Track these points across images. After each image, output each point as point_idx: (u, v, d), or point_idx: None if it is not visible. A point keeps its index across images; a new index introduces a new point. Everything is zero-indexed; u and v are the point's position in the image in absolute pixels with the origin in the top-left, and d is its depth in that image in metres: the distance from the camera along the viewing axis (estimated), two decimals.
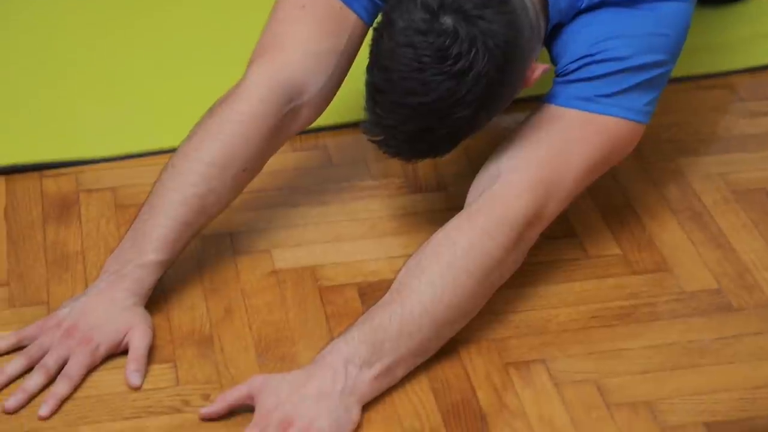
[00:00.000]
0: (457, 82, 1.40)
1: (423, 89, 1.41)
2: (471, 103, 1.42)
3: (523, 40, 1.44)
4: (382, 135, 1.46)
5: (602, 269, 1.63)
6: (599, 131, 1.53)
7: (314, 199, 1.74)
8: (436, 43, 1.40)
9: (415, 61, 1.40)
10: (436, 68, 1.40)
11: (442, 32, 1.40)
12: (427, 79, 1.41)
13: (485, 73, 1.41)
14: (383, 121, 1.45)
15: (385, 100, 1.43)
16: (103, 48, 2.00)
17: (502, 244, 1.47)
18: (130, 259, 1.52)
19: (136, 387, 1.46)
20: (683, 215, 1.71)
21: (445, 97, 1.41)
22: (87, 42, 2.01)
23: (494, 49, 1.41)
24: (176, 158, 1.56)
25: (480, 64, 1.40)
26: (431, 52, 1.40)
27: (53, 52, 1.99)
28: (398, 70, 1.41)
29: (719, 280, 1.61)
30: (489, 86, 1.42)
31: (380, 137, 1.47)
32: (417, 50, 1.40)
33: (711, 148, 1.83)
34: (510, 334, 1.54)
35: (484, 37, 1.40)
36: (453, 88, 1.41)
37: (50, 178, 1.77)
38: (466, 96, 1.41)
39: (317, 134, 1.83)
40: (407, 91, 1.42)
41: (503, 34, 1.41)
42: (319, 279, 1.62)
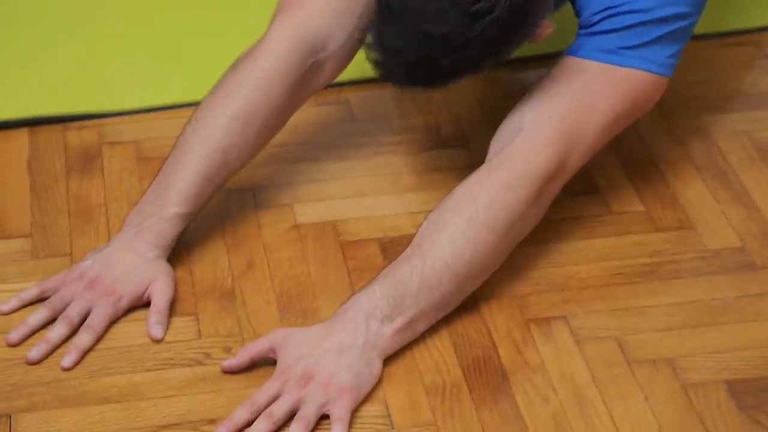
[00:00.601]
0: (471, 20, 1.38)
1: (437, 19, 1.38)
2: (480, 45, 1.39)
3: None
4: (383, 56, 1.43)
5: (625, 226, 1.63)
6: (622, 84, 1.51)
7: (336, 154, 1.74)
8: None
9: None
10: (457, 3, 1.37)
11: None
12: (444, 8, 1.37)
13: (503, 19, 1.38)
14: (388, 43, 1.41)
15: (396, 22, 1.40)
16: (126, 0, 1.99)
17: (524, 199, 1.47)
18: (152, 212, 1.52)
19: (158, 339, 1.47)
20: (708, 173, 1.71)
21: (456, 32, 1.38)
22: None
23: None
24: (199, 112, 1.56)
25: (500, 10, 1.38)
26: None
27: (77, 4, 1.99)
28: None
29: (743, 238, 1.61)
30: (502, 33, 1.39)
31: (381, 58, 1.43)
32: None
33: (736, 105, 1.82)
34: (531, 290, 1.54)
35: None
36: (467, 26, 1.38)
37: (73, 131, 1.77)
38: (477, 37, 1.38)
39: (339, 89, 1.83)
40: (421, 18, 1.38)
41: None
42: (341, 234, 1.62)
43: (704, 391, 1.41)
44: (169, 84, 1.83)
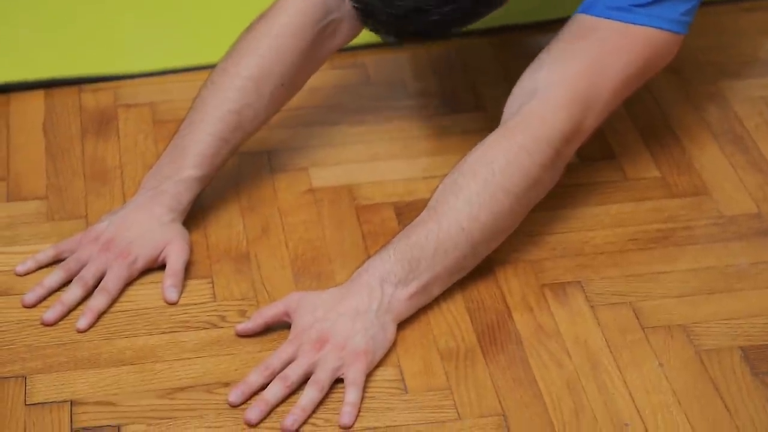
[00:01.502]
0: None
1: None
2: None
3: None
4: (372, 5, 1.41)
5: (640, 192, 1.62)
6: (635, 42, 1.50)
7: (351, 118, 1.74)
8: None
9: None
10: None
11: None
12: None
13: None
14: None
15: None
16: None
17: (540, 161, 1.46)
18: (168, 175, 1.52)
19: (173, 302, 1.47)
20: (724, 138, 1.70)
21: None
22: None
23: None
24: (215, 74, 1.56)
25: None
26: None
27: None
28: None
29: (759, 204, 1.60)
30: None
31: (369, 7, 1.41)
32: None
33: (753, 71, 1.81)
34: (546, 255, 1.54)
35: None
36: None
37: (89, 93, 1.77)
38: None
39: (355, 52, 1.82)
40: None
41: None
42: (356, 198, 1.62)
43: (719, 358, 1.41)
44: (184, 46, 1.83)
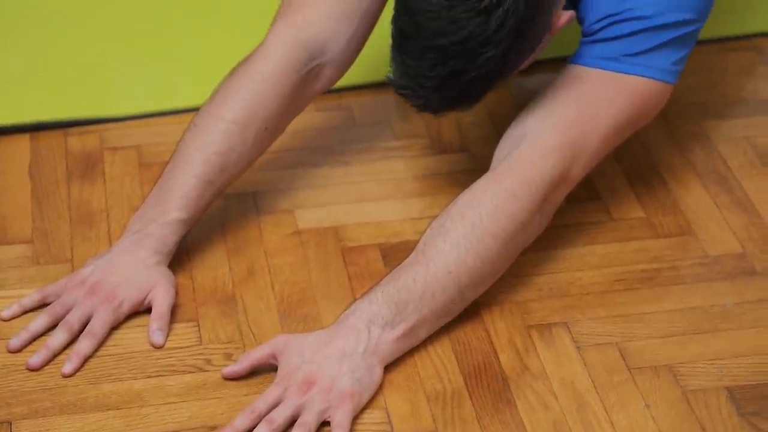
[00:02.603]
0: (486, 18, 1.38)
1: (452, 28, 1.38)
2: (500, 41, 1.39)
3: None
4: (410, 85, 1.44)
5: (626, 232, 1.63)
6: (625, 91, 1.52)
7: (337, 160, 1.74)
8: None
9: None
10: (464, 5, 1.37)
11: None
12: (456, 16, 1.38)
13: (514, 9, 1.38)
14: (411, 70, 1.42)
15: (414, 45, 1.41)
16: (129, 6, 1.99)
17: (528, 207, 1.47)
18: (153, 217, 1.52)
19: (159, 345, 1.47)
20: (708, 178, 1.71)
21: (474, 35, 1.38)
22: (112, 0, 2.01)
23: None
24: (199, 117, 1.56)
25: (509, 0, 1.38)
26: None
27: (77, 10, 1.99)
28: (426, 11, 1.39)
29: (744, 244, 1.61)
30: (518, 23, 1.39)
31: (408, 89, 1.44)
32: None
33: (736, 111, 1.82)
34: (532, 296, 1.54)
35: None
36: (482, 25, 1.38)
37: (75, 136, 1.77)
38: (495, 34, 1.38)
39: (341, 94, 1.83)
40: (436, 32, 1.39)
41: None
42: (342, 239, 1.62)
43: (705, 398, 1.41)
44: (170, 89, 1.83)
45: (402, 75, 1.44)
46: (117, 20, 1.97)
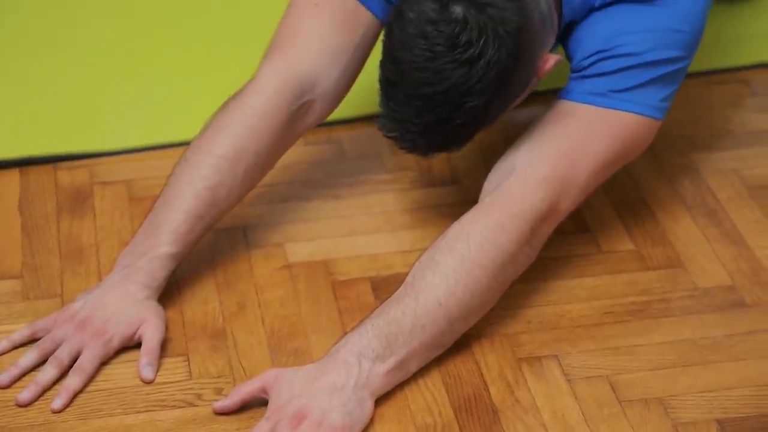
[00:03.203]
0: (468, 69, 1.40)
1: (435, 78, 1.41)
2: (483, 91, 1.41)
3: (533, 28, 1.44)
4: (397, 129, 1.46)
5: (615, 264, 1.63)
6: (614, 126, 1.53)
7: (328, 193, 1.74)
8: (446, 31, 1.40)
9: (427, 50, 1.40)
10: (447, 56, 1.40)
11: (452, 20, 1.40)
12: (439, 67, 1.40)
13: (496, 60, 1.40)
14: (398, 115, 1.45)
15: (399, 92, 1.43)
16: (118, 41, 2.00)
17: (516, 239, 1.47)
18: (143, 252, 1.52)
19: (149, 380, 1.47)
20: (697, 211, 1.71)
21: (457, 85, 1.41)
22: (101, 35, 2.01)
23: (504, 36, 1.40)
24: (189, 152, 1.56)
25: (491, 51, 1.40)
26: (442, 40, 1.40)
27: (67, 45, 1.99)
28: (410, 61, 1.41)
29: (733, 276, 1.61)
30: (501, 73, 1.41)
31: (395, 132, 1.46)
32: (428, 39, 1.40)
33: (725, 143, 1.83)
34: (522, 329, 1.54)
35: (494, 24, 1.40)
36: (465, 75, 1.40)
37: (64, 171, 1.77)
38: (477, 84, 1.41)
39: (331, 128, 1.83)
40: (420, 82, 1.42)
41: (513, 21, 1.41)
42: (333, 273, 1.62)
43: (696, 431, 1.41)
44: (160, 123, 1.84)
45: (389, 119, 1.46)
46: (106, 55, 1.97)
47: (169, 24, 2.03)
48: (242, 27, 2.01)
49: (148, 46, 1.99)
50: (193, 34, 2.01)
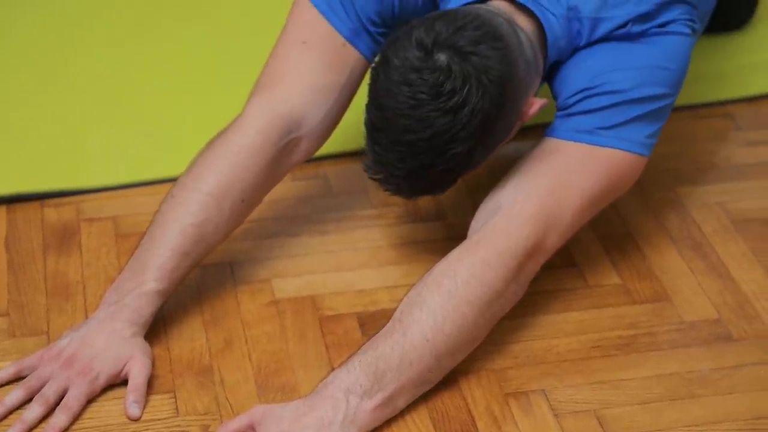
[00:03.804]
0: (452, 117, 1.41)
1: (419, 126, 1.42)
2: (467, 138, 1.43)
3: (518, 76, 1.45)
4: (382, 173, 1.47)
5: (602, 299, 1.63)
6: (600, 163, 1.53)
7: (314, 229, 1.74)
8: (431, 79, 1.41)
9: (411, 98, 1.41)
10: (431, 105, 1.41)
11: (436, 69, 1.41)
12: (423, 115, 1.42)
13: (480, 108, 1.42)
14: (382, 159, 1.46)
15: (383, 138, 1.45)
16: (104, 77, 2.00)
17: (503, 275, 1.48)
18: (130, 289, 1.52)
19: (136, 418, 1.46)
20: (683, 244, 1.72)
21: (441, 132, 1.42)
22: (87, 72, 2.02)
23: (488, 84, 1.42)
24: (176, 189, 1.57)
25: (474, 99, 1.41)
26: (426, 88, 1.41)
27: (53, 82, 2.00)
28: (394, 108, 1.43)
29: (719, 310, 1.61)
30: (484, 121, 1.43)
31: (380, 175, 1.48)
32: (412, 87, 1.41)
33: (710, 177, 1.84)
34: (509, 364, 1.54)
35: (477, 73, 1.41)
36: (449, 123, 1.42)
37: (51, 208, 1.77)
38: (461, 131, 1.42)
39: (317, 163, 1.84)
40: (404, 129, 1.43)
41: (497, 69, 1.42)
42: (320, 308, 1.62)
43: None
44: (147, 160, 1.84)
45: (374, 162, 1.47)
46: (93, 92, 1.97)
47: (156, 61, 2.04)
48: (229, 64, 2.02)
49: (135, 83, 1.99)
50: (180, 70, 2.02)
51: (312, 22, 1.59)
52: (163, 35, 2.09)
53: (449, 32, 1.42)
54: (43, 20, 2.12)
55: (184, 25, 2.11)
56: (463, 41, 1.42)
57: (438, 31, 1.42)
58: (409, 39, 1.42)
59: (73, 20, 2.12)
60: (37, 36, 2.09)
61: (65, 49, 2.07)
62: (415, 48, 1.42)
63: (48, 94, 1.97)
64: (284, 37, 1.61)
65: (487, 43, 1.43)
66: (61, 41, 2.08)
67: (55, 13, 2.14)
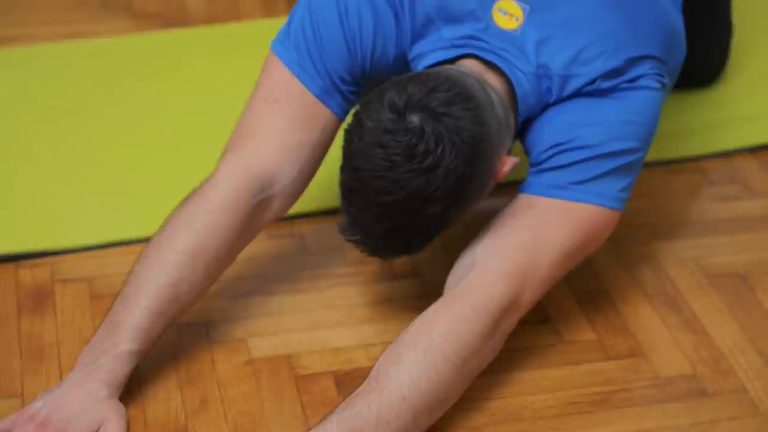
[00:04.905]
0: (426, 178, 1.42)
1: (393, 187, 1.43)
2: (441, 198, 1.44)
3: (490, 135, 1.46)
4: (358, 234, 1.48)
5: (577, 355, 1.63)
6: (573, 218, 1.54)
7: (290, 287, 1.74)
8: (404, 141, 1.42)
9: (385, 160, 1.42)
10: (405, 166, 1.42)
11: (409, 130, 1.42)
12: (397, 177, 1.42)
13: (453, 168, 1.43)
14: (358, 221, 1.47)
15: (358, 199, 1.45)
16: (77, 138, 2.00)
17: (479, 331, 1.48)
18: (104, 350, 1.51)
19: None
20: (657, 300, 1.72)
21: (415, 194, 1.43)
22: (60, 132, 2.02)
23: (461, 145, 1.43)
24: (149, 248, 1.56)
25: (448, 160, 1.42)
26: (400, 150, 1.42)
27: (26, 143, 2.00)
28: (369, 170, 1.43)
29: (694, 365, 1.62)
30: (458, 181, 1.44)
31: (357, 237, 1.48)
32: (386, 149, 1.42)
33: (684, 232, 1.85)
34: (486, 421, 1.53)
35: (450, 134, 1.43)
36: (423, 184, 1.42)
37: (26, 269, 1.77)
38: (435, 192, 1.43)
39: (292, 222, 1.84)
40: (378, 190, 1.43)
41: (469, 129, 1.44)
42: (295, 367, 1.61)
43: None
44: (120, 220, 1.84)
45: (350, 224, 1.48)
46: (66, 152, 1.97)
47: (129, 121, 2.04)
48: (201, 123, 2.02)
49: (108, 143, 1.99)
50: (152, 130, 2.02)
51: (283, 80, 1.60)
52: (135, 95, 2.09)
53: (421, 94, 1.44)
54: (16, 81, 2.13)
55: (156, 84, 2.11)
56: (436, 102, 1.43)
57: (410, 93, 1.44)
58: (382, 101, 1.44)
59: (46, 81, 2.13)
60: (10, 97, 2.10)
61: (38, 109, 2.07)
62: (388, 110, 1.43)
63: (21, 154, 1.97)
64: (256, 96, 1.62)
65: (459, 104, 1.44)
66: (33, 102, 2.08)
67: (28, 74, 2.14)
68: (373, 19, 1.57)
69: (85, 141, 2.00)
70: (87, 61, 2.17)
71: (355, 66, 1.59)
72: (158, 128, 2.02)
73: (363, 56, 1.58)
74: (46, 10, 2.32)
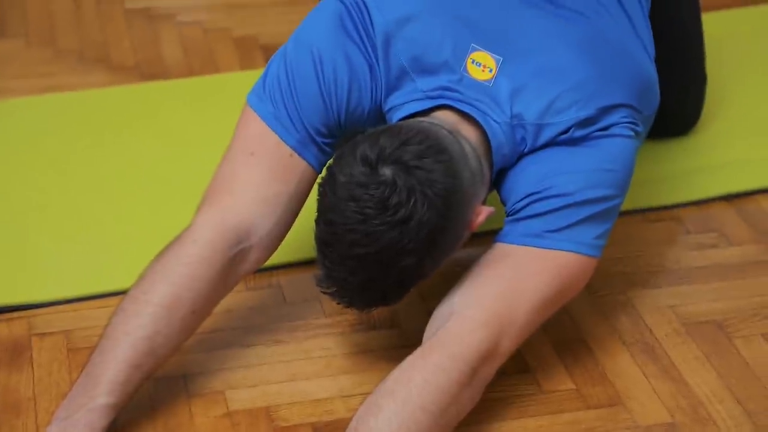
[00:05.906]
0: (399, 231, 1.43)
1: (367, 240, 1.43)
2: (415, 250, 1.44)
3: (463, 187, 1.47)
4: (334, 287, 1.49)
5: (556, 404, 1.63)
6: (550, 266, 1.55)
7: (268, 338, 1.74)
8: (376, 194, 1.43)
9: (358, 213, 1.43)
10: (378, 219, 1.43)
11: (381, 183, 1.43)
12: (370, 230, 1.43)
13: (426, 220, 1.43)
14: (333, 273, 1.48)
15: (333, 252, 1.46)
16: (52, 190, 2.00)
17: (456, 380, 1.48)
18: (81, 404, 1.50)
19: None
20: (635, 348, 1.72)
21: (388, 246, 1.44)
22: (35, 185, 2.01)
23: (433, 197, 1.44)
24: (125, 302, 1.56)
25: (420, 212, 1.43)
26: (372, 203, 1.43)
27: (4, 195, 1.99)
28: (342, 223, 1.44)
29: (673, 413, 1.62)
30: (431, 233, 1.44)
31: (333, 289, 1.49)
32: (359, 202, 1.43)
33: (661, 280, 1.85)
34: None
35: (422, 186, 1.44)
36: (396, 237, 1.43)
37: (2, 323, 1.76)
38: (409, 244, 1.44)
39: (270, 273, 1.84)
40: (352, 243, 1.44)
41: (442, 182, 1.45)
42: (275, 419, 1.61)
43: None
44: (97, 273, 1.83)
45: (326, 277, 1.49)
46: (42, 205, 1.97)
47: (104, 174, 2.03)
48: (178, 175, 2.02)
49: (83, 195, 1.99)
50: (128, 183, 2.01)
51: (259, 133, 1.61)
52: (112, 148, 2.09)
53: (393, 147, 1.45)
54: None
55: (133, 136, 2.11)
56: (408, 155, 1.44)
57: (382, 146, 1.45)
58: (354, 155, 1.45)
59: (23, 135, 2.12)
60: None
61: (14, 162, 2.06)
62: (360, 163, 1.44)
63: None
64: (232, 149, 1.63)
65: (432, 157, 1.45)
66: (10, 155, 2.08)
67: (5, 128, 2.14)
68: (348, 72, 1.58)
69: (61, 193, 2.00)
70: (64, 115, 2.18)
71: (330, 118, 1.60)
72: (135, 181, 2.02)
73: (338, 108, 1.59)
74: (23, 64, 2.32)
